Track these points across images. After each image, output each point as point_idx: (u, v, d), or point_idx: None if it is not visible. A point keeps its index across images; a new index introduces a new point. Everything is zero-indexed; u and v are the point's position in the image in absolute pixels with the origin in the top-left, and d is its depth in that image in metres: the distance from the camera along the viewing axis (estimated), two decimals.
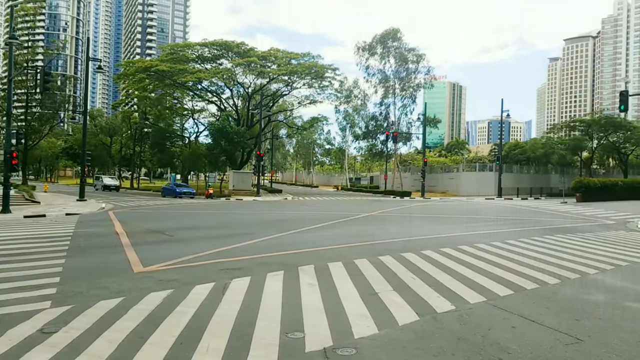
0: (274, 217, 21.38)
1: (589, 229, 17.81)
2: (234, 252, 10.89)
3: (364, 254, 10.54)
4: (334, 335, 5.28)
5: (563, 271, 9.18)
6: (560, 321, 5.98)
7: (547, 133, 75.29)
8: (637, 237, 15.82)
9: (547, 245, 12.89)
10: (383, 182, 57.49)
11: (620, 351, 4.97)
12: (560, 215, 24.69)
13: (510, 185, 48.46)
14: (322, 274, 8.48)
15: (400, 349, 4.94)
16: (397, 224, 18.77)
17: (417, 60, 52.08)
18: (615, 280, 8.55)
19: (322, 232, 15.61)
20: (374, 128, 55.88)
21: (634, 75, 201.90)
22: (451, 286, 7.72)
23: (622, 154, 61.23)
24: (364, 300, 6.72)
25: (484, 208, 30.32)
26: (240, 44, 49.06)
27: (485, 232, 16.22)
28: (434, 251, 11.22)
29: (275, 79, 50.84)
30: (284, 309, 6.28)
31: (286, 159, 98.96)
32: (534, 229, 17.35)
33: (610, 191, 40.84)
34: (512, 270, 9.20)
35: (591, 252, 11.70)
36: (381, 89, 53.71)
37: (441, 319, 5.98)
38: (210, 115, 61.08)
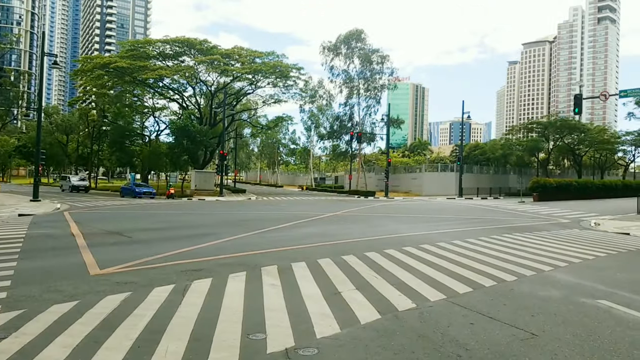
0: (237, 218, 21.14)
1: (545, 228, 18.44)
2: (195, 253, 10.69)
3: (327, 254, 10.56)
4: (296, 335, 5.27)
5: (520, 268, 9.46)
6: (517, 317, 6.15)
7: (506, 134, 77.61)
8: (590, 235, 16.50)
9: (505, 243, 13.26)
10: (348, 182, 57.86)
11: (572, 345, 5.15)
12: (518, 215, 25.46)
13: (471, 185, 49.69)
14: (285, 274, 8.43)
15: (362, 348, 4.96)
16: (361, 224, 18.89)
17: (381, 61, 52.68)
18: (569, 277, 8.86)
19: (286, 232, 15.55)
20: (338, 128, 56.15)
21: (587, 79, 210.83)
22: (413, 284, 7.82)
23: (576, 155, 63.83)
24: (326, 300, 6.72)
25: (446, 207, 30.94)
26: (204, 41, 48.30)
27: (447, 231, 16.54)
28: (396, 250, 11.35)
29: (239, 78, 50.30)
30: (245, 310, 6.21)
31: (250, 158, 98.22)
32: (493, 228, 17.82)
33: (565, 191, 42.48)
34: (471, 268, 9.41)
35: (547, 250, 12.10)
36: (346, 90, 54.10)
37: (402, 317, 6.05)
38: (171, 114, 59.88)
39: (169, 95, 54.54)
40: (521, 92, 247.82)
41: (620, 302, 6.95)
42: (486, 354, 4.83)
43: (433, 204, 36.06)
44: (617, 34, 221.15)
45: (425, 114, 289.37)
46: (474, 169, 57.97)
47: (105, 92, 52.57)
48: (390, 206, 31.69)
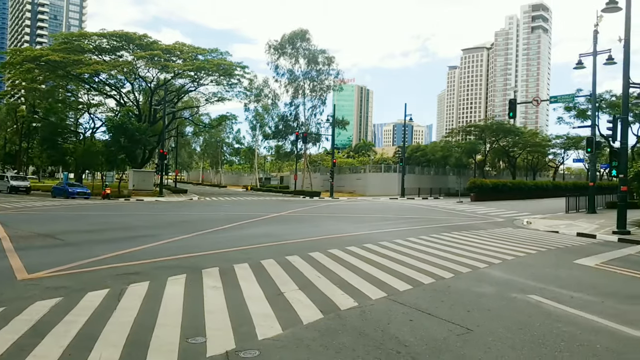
0: (177, 219, 20.56)
1: (481, 226, 19.24)
2: (132, 255, 10.28)
3: (271, 255, 10.47)
4: (237, 337, 5.18)
5: (457, 266, 9.80)
6: (453, 313, 6.35)
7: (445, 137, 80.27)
8: (522, 233, 17.38)
9: (443, 242, 13.71)
10: (293, 182, 57.86)
11: (504, 339, 5.38)
12: (456, 214, 26.42)
13: (413, 185, 51.06)
14: (227, 276, 8.28)
15: (304, 348, 4.95)
16: (305, 224, 18.92)
17: (328, 62, 53.09)
18: (502, 273, 9.28)
19: (229, 233, 15.30)
20: (283, 128, 56.03)
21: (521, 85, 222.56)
22: (355, 283, 7.90)
23: (511, 157, 67.08)
24: (269, 301, 6.66)
25: (388, 207, 31.60)
26: (143, 36, 46.67)
27: (389, 230, 16.88)
28: (340, 250, 11.44)
29: (180, 74, 49.00)
30: (185, 313, 6.04)
31: (192, 157, 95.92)
32: (433, 227, 18.38)
33: (500, 191, 44.58)
34: (411, 266, 9.64)
35: (482, 248, 12.62)
36: (291, 89, 54.08)
37: (344, 316, 6.09)
38: (108, 110, 57.42)
39: (106, 91, 52.29)
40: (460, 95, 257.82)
41: (548, 297, 7.34)
42: (424, 350, 4.95)
43: (376, 204, 36.74)
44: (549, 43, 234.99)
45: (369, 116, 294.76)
46: (415, 169, 59.58)
47: (35, 86, 49.70)
48: (335, 206, 31.97)
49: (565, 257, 11.73)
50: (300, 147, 56.54)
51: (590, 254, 12.44)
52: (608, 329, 5.81)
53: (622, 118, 18.00)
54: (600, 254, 12.53)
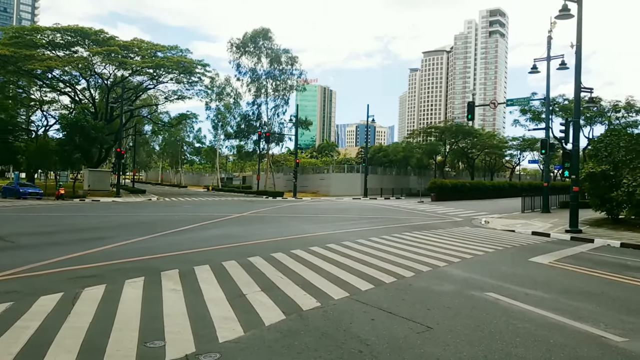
0: (135, 220, 20.02)
1: (441, 226, 19.63)
2: (87, 258, 9.94)
3: (233, 256, 10.35)
4: (198, 340, 5.09)
5: (418, 265, 9.96)
6: (414, 311, 6.45)
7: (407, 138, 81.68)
8: (481, 232, 17.85)
9: (405, 241, 13.91)
10: (256, 183, 57.44)
11: (463, 336, 5.49)
12: (417, 214, 26.86)
13: (375, 185, 51.62)
14: (187, 278, 8.12)
15: (266, 350, 4.91)
16: (268, 225, 18.80)
17: (291, 62, 52.88)
18: (461, 272, 9.49)
19: (190, 234, 15.02)
20: (246, 127, 55.48)
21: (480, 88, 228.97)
22: (318, 284, 7.91)
23: (469, 158, 68.82)
24: (230, 303, 6.57)
25: (351, 207, 31.82)
26: (99, 31, 45.18)
27: (352, 230, 16.98)
28: (303, 250, 11.43)
29: (139, 72, 47.72)
30: (143, 317, 5.89)
31: (151, 157, 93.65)
32: (394, 227, 18.62)
33: (459, 191, 45.65)
34: (374, 265, 9.73)
35: (442, 247, 12.88)
36: (253, 88, 53.58)
37: (307, 317, 6.08)
38: (62, 108, 55.17)
39: (60, 87, 50.28)
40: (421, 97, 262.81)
41: (505, 294, 7.56)
42: (385, 348, 4.99)
43: (340, 204, 36.93)
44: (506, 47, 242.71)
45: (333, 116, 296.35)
46: (378, 170, 60.24)
47: None
48: (298, 206, 31.93)
49: (521, 256, 12.12)
50: (263, 147, 56.18)
51: (544, 252, 12.90)
52: (561, 325, 6.03)
53: (573, 121, 18.75)
54: (554, 252, 13.01)
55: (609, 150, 20.74)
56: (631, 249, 14.05)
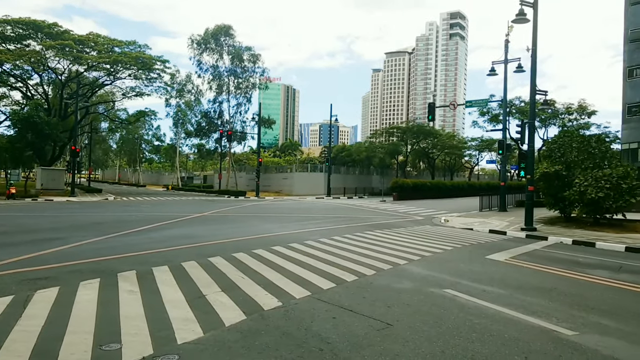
0: (91, 220, 19.37)
1: (402, 225, 19.92)
2: (39, 260, 9.55)
3: (192, 256, 10.18)
4: (156, 342, 4.98)
5: (379, 263, 10.07)
6: (375, 309, 6.51)
7: (370, 138, 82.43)
8: (440, 230, 18.21)
9: (367, 240, 14.04)
10: (217, 182, 56.66)
11: (421, 332, 5.59)
12: (379, 213, 27.17)
13: (338, 185, 51.88)
14: (145, 279, 7.93)
15: (225, 350, 4.86)
16: (230, 224, 18.58)
17: (253, 60, 52.39)
18: (420, 269, 9.66)
19: (148, 234, 14.66)
20: (207, 125, 54.62)
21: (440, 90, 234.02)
22: (280, 283, 7.87)
23: (430, 158, 70.16)
24: (190, 304, 6.46)
25: (315, 207, 31.86)
26: (53, 24, 43.43)
27: (315, 229, 17.00)
28: (265, 250, 11.36)
29: (95, 67, 46.12)
30: (98, 319, 5.72)
31: (108, 155, 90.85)
32: (357, 226, 18.77)
33: (420, 191, 46.50)
34: (336, 264, 9.77)
35: (403, 245, 13.07)
36: (215, 86, 52.79)
37: (268, 316, 6.04)
38: (13, 103, 52.83)
39: (10, 82, 48.07)
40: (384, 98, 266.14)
41: (462, 291, 7.74)
42: (345, 346, 5.02)
43: (303, 203, 36.91)
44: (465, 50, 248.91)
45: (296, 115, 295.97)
46: (341, 169, 60.57)
47: None
48: (261, 206, 31.73)
49: (479, 253, 12.44)
50: (224, 146, 55.47)
51: (500, 249, 13.29)
52: (515, 320, 6.22)
53: (529, 123, 19.40)
54: (510, 249, 13.42)
55: (562, 151, 21.59)
56: (582, 246, 14.67)
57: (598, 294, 7.95)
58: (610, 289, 8.40)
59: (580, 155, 21.03)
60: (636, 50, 33.86)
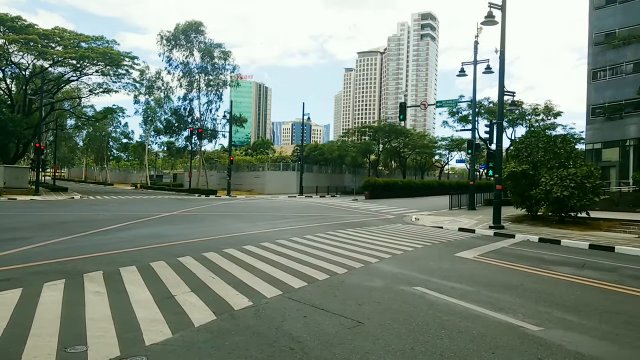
0: (56, 219, 18.81)
1: (373, 223, 20.07)
2: (2, 260, 9.20)
3: (161, 256, 10.00)
4: (123, 344, 4.87)
5: (351, 261, 10.11)
6: (346, 307, 6.53)
7: (342, 137, 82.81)
8: (411, 228, 18.43)
9: (339, 238, 14.08)
10: (187, 180, 55.92)
11: (391, 329, 5.64)
12: (351, 211, 27.30)
13: (311, 183, 51.92)
14: (112, 280, 7.74)
15: (195, 351, 4.79)
16: (200, 223, 18.34)
17: (224, 57, 51.87)
18: (391, 267, 9.75)
19: (116, 234, 14.33)
20: (177, 123, 53.82)
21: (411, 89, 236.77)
22: (250, 283, 7.81)
23: (401, 157, 70.94)
24: (158, 305, 6.34)
25: (287, 205, 31.78)
26: (16, 17, 41.99)
27: (287, 228, 16.94)
28: (236, 249, 11.26)
29: (61, 62, 44.84)
30: (63, 321, 5.55)
31: (74, 153, 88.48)
32: (329, 224, 18.81)
33: (392, 189, 46.95)
34: (307, 263, 9.76)
35: (374, 243, 13.17)
36: (185, 83, 52.06)
37: (238, 316, 5.99)
38: None
39: None
40: (356, 97, 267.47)
41: (432, 288, 7.85)
42: (317, 345, 5.02)
43: (275, 202, 36.77)
44: (436, 51, 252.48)
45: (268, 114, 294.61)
46: (313, 168, 60.62)
47: None
48: (232, 205, 31.46)
49: (448, 251, 12.64)
50: (195, 144, 54.77)
51: (469, 247, 13.54)
52: (483, 316, 6.34)
53: (497, 123, 19.82)
54: (479, 247, 13.69)
55: (529, 151, 22.15)
56: (548, 244, 15.08)
57: (563, 291, 8.18)
58: (575, 285, 8.66)
59: (546, 155, 21.61)
60: (600, 53, 34.98)
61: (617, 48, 33.58)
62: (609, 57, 34.32)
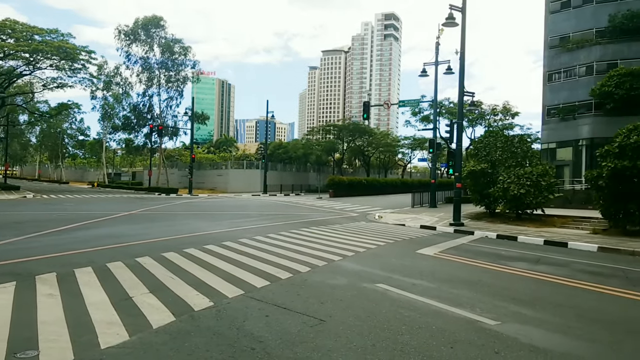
0: (8, 219, 18.01)
1: (337, 221, 20.15)
2: None
3: (119, 257, 9.72)
4: (77, 348, 4.72)
5: (314, 260, 10.11)
6: (308, 306, 6.52)
7: (307, 135, 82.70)
8: (374, 226, 18.61)
9: (302, 237, 14.06)
10: (147, 179, 54.58)
11: (354, 327, 5.67)
12: (316, 210, 27.33)
13: (275, 182, 51.66)
14: (66, 282, 7.47)
15: (153, 353, 4.69)
16: (160, 223, 17.94)
17: (184, 52, 50.81)
18: (354, 265, 9.81)
19: (71, 234, 13.83)
20: (136, 119, 52.42)
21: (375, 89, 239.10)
22: (211, 283, 7.70)
23: (365, 155, 71.48)
24: (115, 307, 6.16)
25: (250, 204, 31.50)
26: None
27: (250, 227, 16.79)
28: (197, 249, 11.07)
29: (12, 55, 42.88)
30: (13, 325, 5.33)
31: (27, 150, 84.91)
32: (293, 223, 18.75)
33: (356, 188, 47.27)
34: (270, 262, 9.69)
35: (338, 241, 13.22)
36: (145, 79, 50.72)
37: (198, 317, 5.89)
38: None
39: None
40: (321, 96, 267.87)
41: (394, 285, 7.94)
42: (279, 344, 4.98)
43: (238, 200, 36.39)
44: (399, 51, 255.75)
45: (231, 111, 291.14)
46: (278, 166, 60.32)
47: None
48: (194, 203, 30.95)
49: (410, 248, 12.83)
50: (155, 141, 53.49)
51: (430, 244, 13.79)
52: (443, 312, 6.46)
53: (457, 123, 20.26)
54: (439, 244, 13.96)
55: (488, 150, 22.74)
56: (506, 240, 15.54)
57: (518, 285, 8.44)
58: (530, 280, 8.94)
59: (504, 154, 22.25)
60: (555, 56, 36.28)
61: (571, 51, 34.92)
62: (564, 60, 35.65)
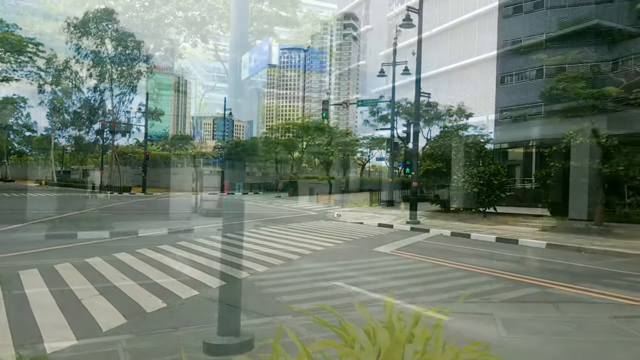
0: None
1: (296, 220, 20.12)
2: None
3: (67, 257, 9.34)
4: (21, 353, 4.47)
5: (271, 259, 10.04)
6: (262, 304, 6.46)
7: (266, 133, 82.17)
8: (333, 225, 18.68)
9: (261, 236, 13.97)
10: (98, 177, 52.72)
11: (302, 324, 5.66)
12: (274, 208, 27.20)
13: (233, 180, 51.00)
14: (9, 284, 7.10)
15: (102, 357, 4.50)
16: (112, 222, 17.36)
17: (137, 46, 49.31)
18: (312, 263, 9.81)
19: (14, 234, 13.18)
20: (87, 115, 50.54)
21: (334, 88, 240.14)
22: (165, 283, 7.51)
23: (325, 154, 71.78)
24: (62, 310, 5.90)
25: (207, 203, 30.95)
26: None
27: (206, 226, 16.51)
28: (150, 249, 10.77)
29: None
30: None
31: None
32: (251, 222, 18.58)
33: (315, 187, 47.33)
34: (227, 261, 9.50)
35: (296, 240, 13.18)
36: (96, 73, 48.88)
37: (150, 318, 5.71)
38: None
39: None
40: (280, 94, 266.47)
41: (350, 282, 7.98)
42: None
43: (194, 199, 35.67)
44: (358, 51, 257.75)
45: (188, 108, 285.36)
46: (236, 165, 59.60)
47: None
48: (148, 202, 30.18)
49: (367, 246, 12.95)
50: (107, 138, 51.69)
51: (387, 242, 13.96)
52: (397, 308, 6.52)
53: (414, 123, 20.63)
54: (396, 241, 14.15)
55: (443, 150, 23.27)
56: (460, 237, 15.93)
57: (469, 281, 8.66)
58: (482, 276, 9.20)
59: (458, 154, 22.82)
60: (507, 60, 37.56)
61: (522, 55, 36.23)
62: (516, 63, 36.96)
